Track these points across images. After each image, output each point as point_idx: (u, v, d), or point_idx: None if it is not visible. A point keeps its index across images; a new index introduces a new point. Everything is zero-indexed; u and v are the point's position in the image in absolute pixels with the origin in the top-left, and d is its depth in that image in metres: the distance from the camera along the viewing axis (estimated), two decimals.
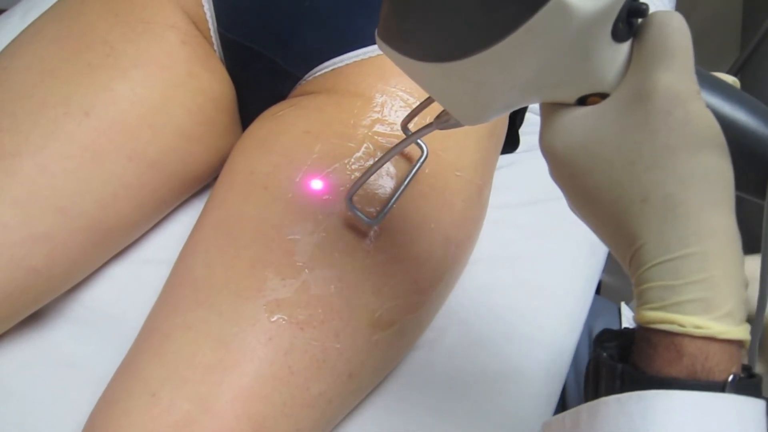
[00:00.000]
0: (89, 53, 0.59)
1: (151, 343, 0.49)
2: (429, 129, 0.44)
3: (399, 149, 0.48)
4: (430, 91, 0.39)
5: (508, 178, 0.77)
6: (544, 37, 0.31)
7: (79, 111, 0.56)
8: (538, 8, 0.30)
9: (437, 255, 0.55)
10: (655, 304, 0.32)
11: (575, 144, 0.34)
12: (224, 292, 0.49)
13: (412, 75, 0.38)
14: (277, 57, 0.62)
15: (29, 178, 0.54)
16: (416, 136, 0.46)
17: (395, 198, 0.52)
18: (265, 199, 0.53)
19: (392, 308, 0.52)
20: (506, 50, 0.32)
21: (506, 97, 0.36)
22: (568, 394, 0.72)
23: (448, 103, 0.38)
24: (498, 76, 0.34)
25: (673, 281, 0.31)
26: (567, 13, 0.30)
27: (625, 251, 0.34)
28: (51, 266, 0.55)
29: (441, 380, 0.60)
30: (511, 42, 0.31)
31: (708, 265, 0.31)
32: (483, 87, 0.35)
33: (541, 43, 0.31)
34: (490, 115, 0.37)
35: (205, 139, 0.64)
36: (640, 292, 0.33)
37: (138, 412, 0.45)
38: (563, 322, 0.66)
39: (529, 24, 0.30)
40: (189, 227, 0.62)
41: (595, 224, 0.36)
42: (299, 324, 0.48)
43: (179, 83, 0.61)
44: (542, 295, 0.67)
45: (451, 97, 0.38)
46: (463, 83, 0.35)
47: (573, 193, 0.36)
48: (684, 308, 0.31)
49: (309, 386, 0.48)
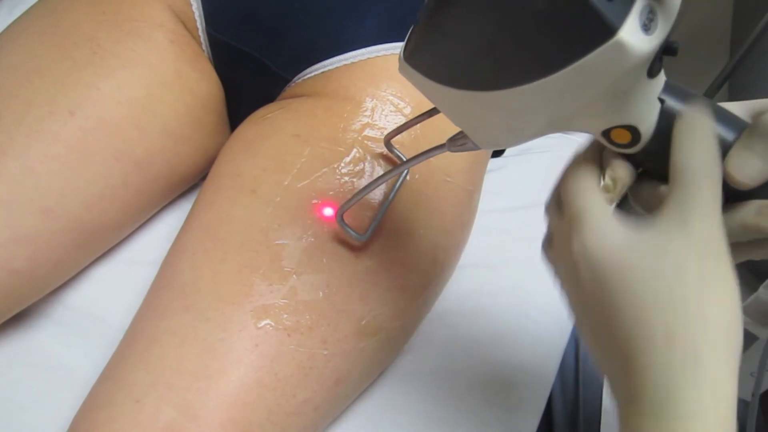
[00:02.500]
0: (76, 51, 0.58)
1: (136, 348, 0.48)
2: (440, 150, 0.43)
3: (401, 169, 0.47)
4: (453, 116, 0.38)
5: (496, 182, 0.77)
6: (596, 74, 0.31)
7: (65, 110, 0.56)
8: (597, 46, 0.30)
9: (426, 261, 0.55)
10: None
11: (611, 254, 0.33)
12: (211, 297, 0.48)
13: (434, 99, 0.38)
14: (266, 58, 0.61)
15: (13, 179, 0.53)
16: (425, 156, 0.45)
17: (381, 212, 0.52)
18: (253, 202, 0.52)
19: (379, 315, 0.52)
20: (553, 84, 0.32)
21: (538, 128, 0.36)
22: (553, 402, 0.72)
23: (471, 129, 0.38)
24: (537, 108, 0.34)
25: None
26: (623, 52, 0.30)
27: (621, 378, 0.33)
28: (34, 268, 0.54)
29: (427, 386, 0.60)
30: (560, 77, 0.31)
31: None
32: (517, 117, 0.35)
33: (589, 81, 0.31)
34: (515, 142, 0.38)
35: (193, 140, 0.63)
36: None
37: (122, 419, 0.44)
38: (550, 329, 0.66)
39: (584, 61, 0.30)
40: (175, 228, 0.61)
41: (600, 339, 0.35)
42: (286, 330, 0.48)
43: (167, 83, 0.60)
44: (530, 301, 0.67)
45: (477, 123, 0.38)
46: (497, 112, 0.35)
47: (589, 310, 0.35)
48: None
49: (295, 393, 0.47)
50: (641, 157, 0.36)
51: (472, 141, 0.39)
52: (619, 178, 0.36)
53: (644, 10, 0.30)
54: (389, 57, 0.57)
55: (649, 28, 0.30)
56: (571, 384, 0.73)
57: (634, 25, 0.29)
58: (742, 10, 1.14)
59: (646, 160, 0.36)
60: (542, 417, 0.62)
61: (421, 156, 0.45)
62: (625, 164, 0.36)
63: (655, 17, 0.30)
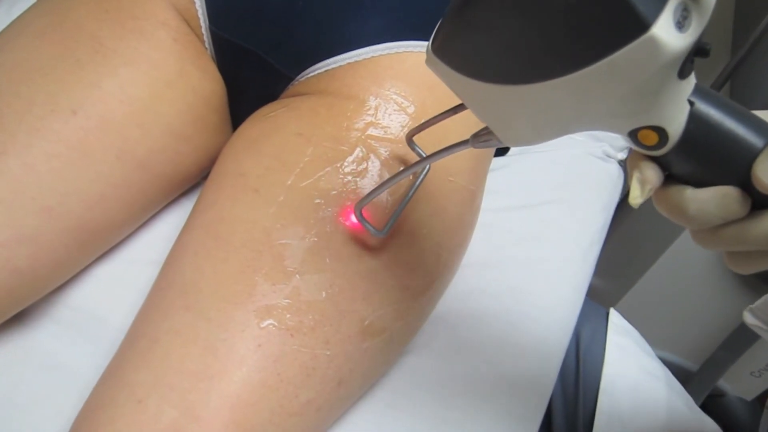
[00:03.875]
0: (78, 50, 0.58)
1: (138, 349, 0.48)
2: (464, 146, 0.42)
3: (423, 164, 0.47)
4: (480, 111, 0.38)
5: (498, 181, 0.77)
6: (626, 71, 0.30)
7: (67, 109, 0.55)
8: (629, 42, 0.29)
9: (429, 261, 0.55)
10: None
11: None
12: (213, 297, 0.48)
13: (461, 93, 0.37)
14: (270, 57, 0.61)
15: (15, 177, 0.53)
16: (447, 152, 0.44)
17: (400, 209, 0.51)
18: (255, 202, 0.52)
19: (382, 315, 0.52)
20: (583, 80, 0.31)
21: (564, 125, 0.35)
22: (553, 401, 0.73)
23: (497, 124, 0.38)
24: (565, 104, 0.33)
25: None
26: (656, 49, 0.29)
27: None
28: (35, 267, 0.54)
29: (430, 386, 0.60)
30: (590, 72, 0.31)
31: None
32: (545, 113, 0.34)
33: (620, 78, 0.31)
34: (541, 139, 0.37)
35: (195, 139, 0.63)
36: None
37: (124, 419, 0.44)
38: (552, 328, 0.66)
39: (615, 56, 0.30)
40: (176, 227, 0.61)
41: None
42: (289, 330, 0.47)
43: (169, 81, 0.60)
44: (532, 300, 0.67)
45: (503, 118, 0.37)
46: (524, 107, 0.35)
47: None
48: None
49: (298, 394, 0.47)
50: (668, 160, 0.35)
51: (497, 137, 0.39)
52: (648, 179, 0.35)
53: (678, 7, 0.29)
54: (393, 56, 0.57)
55: (683, 26, 0.30)
56: (572, 383, 0.73)
57: (668, 21, 0.29)
58: (744, 9, 1.14)
59: (672, 163, 0.35)
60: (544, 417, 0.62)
61: (444, 152, 0.44)
62: (654, 166, 0.36)
63: (690, 15, 0.30)
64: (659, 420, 0.70)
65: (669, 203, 0.36)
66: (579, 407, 0.72)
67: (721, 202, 0.33)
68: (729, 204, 0.33)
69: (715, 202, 0.33)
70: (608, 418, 0.69)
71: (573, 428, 0.72)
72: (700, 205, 0.34)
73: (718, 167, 0.34)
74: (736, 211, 0.33)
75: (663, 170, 0.36)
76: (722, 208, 0.33)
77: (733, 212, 0.33)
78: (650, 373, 0.75)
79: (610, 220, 0.82)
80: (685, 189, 0.35)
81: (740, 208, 0.33)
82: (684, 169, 0.35)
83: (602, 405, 0.70)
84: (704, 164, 0.34)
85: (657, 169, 0.36)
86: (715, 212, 0.34)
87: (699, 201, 0.34)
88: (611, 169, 0.86)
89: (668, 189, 0.36)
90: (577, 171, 0.83)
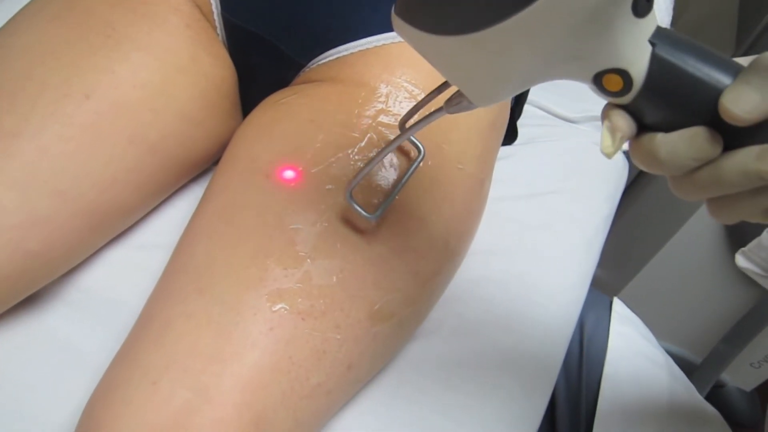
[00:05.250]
0: (91, 34, 0.58)
1: (151, 331, 0.48)
2: (439, 114, 0.43)
3: (403, 138, 0.47)
4: (445, 70, 0.38)
5: (504, 170, 0.78)
6: (570, 3, 0.31)
7: (80, 93, 0.56)
8: None
9: (437, 247, 0.55)
10: None
11: None
12: (226, 281, 0.49)
13: (427, 54, 0.38)
14: (281, 43, 0.61)
15: (28, 160, 0.53)
16: (424, 122, 0.44)
17: (393, 195, 0.52)
18: (267, 187, 0.52)
19: (392, 300, 0.52)
20: (531, 17, 0.31)
21: (524, 72, 0.35)
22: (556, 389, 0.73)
23: (463, 82, 0.38)
24: (520, 45, 0.33)
25: None
26: None
27: None
28: (49, 250, 0.54)
29: (437, 371, 0.61)
30: (537, 8, 0.31)
31: None
32: (503, 59, 0.34)
33: (566, 10, 0.31)
34: (505, 92, 0.37)
35: (206, 124, 0.63)
36: None
37: (138, 400, 0.45)
38: (557, 315, 0.67)
39: None
40: (186, 213, 0.62)
41: None
42: (301, 314, 0.48)
43: (182, 67, 0.60)
44: (538, 288, 0.68)
45: (467, 74, 0.37)
46: (484, 56, 0.35)
47: None
48: None
49: (309, 377, 0.48)
50: (637, 107, 0.35)
51: (467, 98, 0.39)
52: (618, 127, 0.35)
53: None
54: (404, 44, 0.57)
55: None
56: (575, 371, 0.74)
57: None
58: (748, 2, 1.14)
59: (643, 111, 0.35)
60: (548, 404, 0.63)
61: (422, 122, 0.44)
62: (624, 114, 0.35)
63: None
64: (661, 406, 0.71)
65: (642, 151, 0.35)
66: (582, 394, 0.73)
67: (691, 142, 0.33)
68: (699, 143, 0.33)
69: (684, 142, 0.33)
70: (610, 404, 0.70)
71: (576, 414, 0.73)
72: (670, 147, 0.34)
73: (687, 109, 0.34)
74: (707, 150, 0.33)
75: (636, 121, 0.36)
76: (693, 147, 0.33)
77: (704, 151, 0.33)
78: (652, 360, 0.76)
79: (615, 209, 0.83)
80: (656, 134, 0.35)
81: (711, 146, 0.33)
82: (654, 115, 0.35)
83: (604, 391, 0.71)
84: (672, 107, 0.34)
85: (628, 118, 0.35)
86: (687, 153, 0.33)
87: (669, 143, 0.34)
88: (616, 159, 0.86)
89: (641, 138, 0.36)
90: (582, 161, 0.84)
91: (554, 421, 0.74)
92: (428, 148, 0.54)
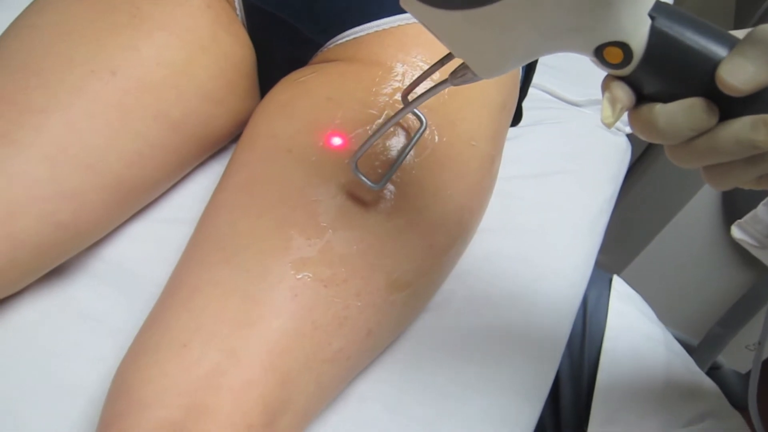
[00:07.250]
0: (115, 13, 0.60)
1: (180, 297, 0.50)
2: (444, 85, 0.44)
3: (408, 110, 0.48)
4: (451, 43, 0.39)
5: (512, 150, 0.80)
6: None
7: (106, 70, 0.57)
8: None
9: (451, 221, 0.57)
10: None
11: None
12: (250, 250, 0.50)
13: (433, 28, 0.39)
14: (299, 24, 0.63)
15: (58, 135, 0.55)
16: (429, 94, 0.45)
17: (396, 165, 0.53)
18: (288, 161, 0.54)
19: (408, 271, 0.54)
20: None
21: (528, 45, 0.37)
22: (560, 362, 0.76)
23: (468, 55, 0.39)
24: (524, 20, 0.35)
25: None
26: None
27: None
28: (78, 222, 0.56)
29: (449, 341, 0.63)
30: None
31: None
32: (508, 33, 0.36)
33: None
34: (510, 64, 0.38)
35: (226, 102, 0.65)
36: None
37: (170, 362, 0.46)
38: (563, 290, 0.69)
39: None
40: (206, 188, 0.63)
41: None
42: (323, 282, 0.50)
43: (203, 46, 0.62)
44: (545, 263, 0.70)
45: (472, 47, 0.38)
46: (488, 30, 0.36)
47: None
48: None
49: (331, 342, 0.50)
50: (637, 78, 0.36)
51: (472, 70, 0.40)
52: (618, 98, 0.36)
53: None
54: (419, 24, 0.59)
55: None
56: (577, 345, 0.76)
57: None
58: None
59: (642, 82, 0.36)
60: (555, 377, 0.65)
61: (426, 94, 0.45)
62: (623, 85, 0.37)
63: None
64: (658, 379, 0.73)
65: (641, 120, 0.37)
66: (584, 366, 0.75)
67: (689, 112, 0.35)
68: (696, 113, 0.34)
69: (682, 112, 0.35)
70: (609, 376, 0.72)
71: (578, 386, 0.75)
72: (668, 117, 0.35)
73: (684, 80, 0.35)
74: (703, 120, 0.34)
75: (635, 92, 0.37)
76: (690, 117, 0.35)
77: (701, 121, 0.34)
78: (650, 336, 0.78)
79: (618, 191, 0.85)
80: (655, 105, 0.36)
81: (707, 116, 0.34)
82: (653, 86, 0.36)
83: (604, 365, 0.73)
84: (671, 79, 0.35)
85: (627, 89, 0.37)
86: (684, 123, 0.35)
87: (667, 113, 0.35)
88: (619, 142, 0.88)
89: (640, 108, 0.37)
90: (586, 143, 0.86)
91: (558, 392, 0.76)
92: (442, 125, 0.56)
